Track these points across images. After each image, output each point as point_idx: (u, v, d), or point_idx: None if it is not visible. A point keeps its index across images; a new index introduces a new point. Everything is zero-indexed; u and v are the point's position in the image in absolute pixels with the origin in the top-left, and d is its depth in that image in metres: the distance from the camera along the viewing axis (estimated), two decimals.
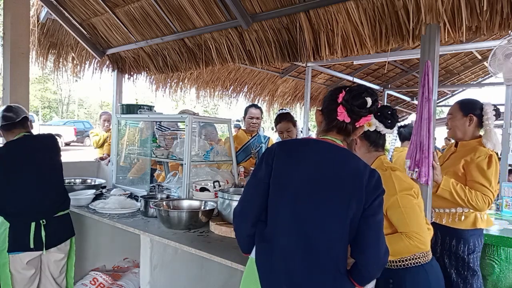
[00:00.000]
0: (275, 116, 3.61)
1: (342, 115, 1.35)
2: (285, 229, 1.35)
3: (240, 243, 1.52)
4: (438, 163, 2.17)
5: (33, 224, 2.33)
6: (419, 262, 1.67)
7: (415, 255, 1.66)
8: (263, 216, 1.42)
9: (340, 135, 1.40)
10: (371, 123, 1.78)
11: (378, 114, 1.79)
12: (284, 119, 3.39)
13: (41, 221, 2.35)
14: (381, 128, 1.79)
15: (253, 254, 1.46)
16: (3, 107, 2.48)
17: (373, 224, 1.31)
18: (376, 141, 1.82)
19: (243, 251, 1.53)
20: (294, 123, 3.40)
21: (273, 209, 1.39)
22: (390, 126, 1.81)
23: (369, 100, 1.34)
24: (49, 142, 2.56)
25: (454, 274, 2.33)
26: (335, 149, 1.37)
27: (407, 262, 1.66)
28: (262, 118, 4.01)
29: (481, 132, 2.41)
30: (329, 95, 1.43)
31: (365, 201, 1.29)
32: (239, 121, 9.04)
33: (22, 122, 2.44)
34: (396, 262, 1.68)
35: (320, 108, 1.46)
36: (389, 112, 1.80)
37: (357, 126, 1.39)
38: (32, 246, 2.32)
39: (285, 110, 3.61)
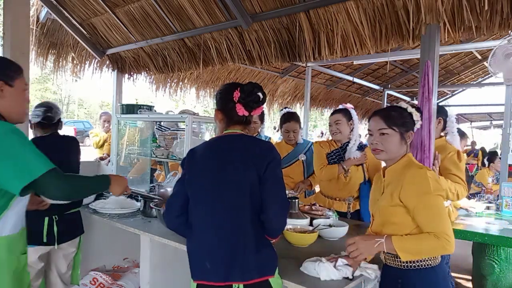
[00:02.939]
0: (278, 115, 3.52)
1: (241, 110, 1.58)
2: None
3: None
4: (437, 166, 2.22)
5: (46, 219, 2.41)
6: (430, 264, 1.63)
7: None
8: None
9: (240, 126, 1.64)
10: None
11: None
12: (292, 119, 3.22)
13: (53, 217, 2.43)
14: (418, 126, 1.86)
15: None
16: (44, 105, 2.58)
17: (269, 187, 1.53)
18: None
19: None
20: (300, 124, 3.30)
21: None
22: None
23: (260, 95, 1.60)
24: (71, 143, 2.69)
25: None
26: (238, 137, 1.62)
27: (417, 264, 1.63)
28: None
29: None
30: (223, 95, 1.63)
31: (259, 169, 1.52)
32: None
33: (56, 123, 2.58)
34: (406, 262, 1.63)
35: (218, 108, 1.66)
36: None
37: (253, 114, 1.64)
38: (45, 240, 2.41)
39: (289, 109, 3.45)
